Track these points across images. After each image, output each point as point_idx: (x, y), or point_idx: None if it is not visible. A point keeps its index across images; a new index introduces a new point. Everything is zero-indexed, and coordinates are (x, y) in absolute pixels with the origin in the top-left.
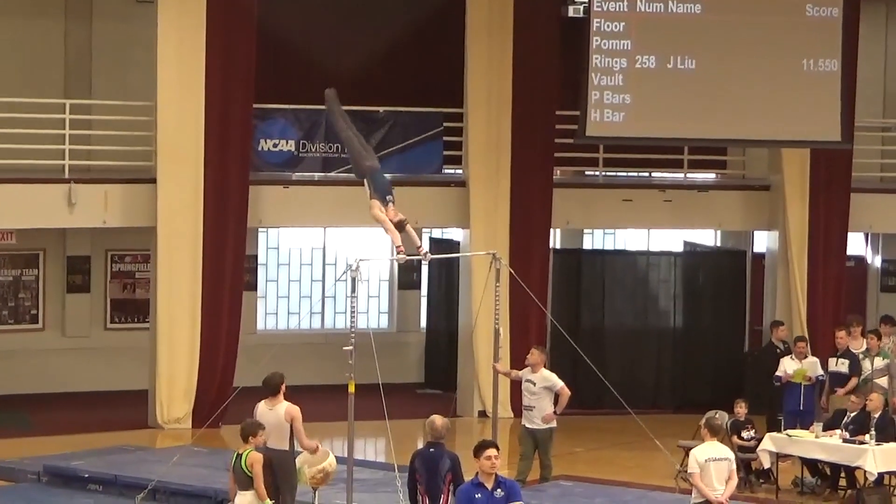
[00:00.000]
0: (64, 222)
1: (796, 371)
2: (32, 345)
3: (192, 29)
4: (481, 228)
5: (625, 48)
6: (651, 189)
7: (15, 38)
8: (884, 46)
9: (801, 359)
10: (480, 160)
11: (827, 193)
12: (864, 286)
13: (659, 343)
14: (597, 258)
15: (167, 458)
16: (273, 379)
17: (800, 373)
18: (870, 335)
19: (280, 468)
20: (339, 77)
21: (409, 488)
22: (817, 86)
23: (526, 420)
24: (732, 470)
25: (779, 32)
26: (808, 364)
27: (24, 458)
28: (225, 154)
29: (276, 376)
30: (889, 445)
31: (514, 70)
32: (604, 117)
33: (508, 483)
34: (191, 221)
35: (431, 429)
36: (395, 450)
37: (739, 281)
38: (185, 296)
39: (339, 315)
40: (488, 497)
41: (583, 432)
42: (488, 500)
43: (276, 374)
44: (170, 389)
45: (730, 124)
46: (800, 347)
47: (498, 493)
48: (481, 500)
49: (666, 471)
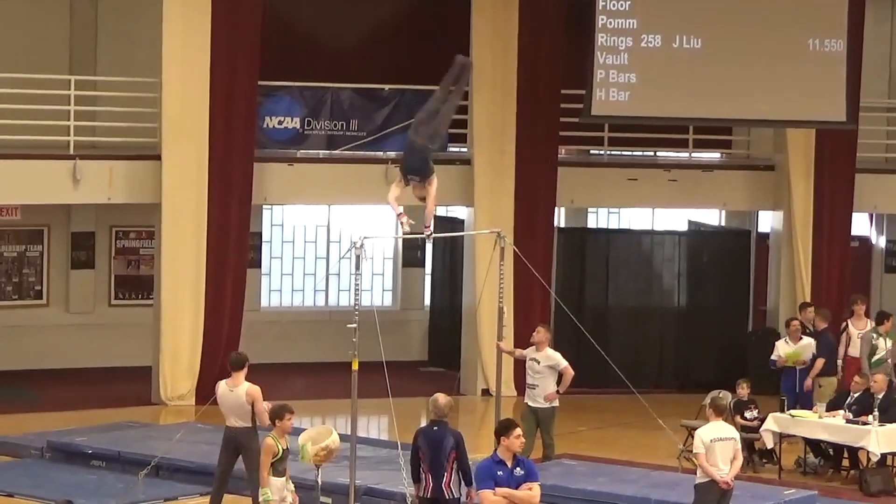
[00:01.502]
0: (69, 198)
1: (788, 355)
2: (36, 321)
3: (197, 6)
4: (486, 207)
5: (630, 27)
6: (656, 168)
7: (21, 14)
8: (889, 27)
9: (795, 340)
10: (485, 138)
11: (832, 174)
12: (869, 267)
13: (662, 322)
14: (601, 237)
15: (170, 435)
16: (239, 358)
17: (792, 356)
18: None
19: (244, 446)
20: (345, 55)
21: (413, 466)
22: (823, 66)
23: (529, 398)
24: (737, 450)
25: (784, 12)
26: (802, 347)
27: (27, 434)
28: (230, 131)
29: (243, 356)
30: (892, 426)
31: (520, 48)
32: (609, 96)
33: (527, 462)
34: (195, 198)
35: (435, 407)
36: (399, 427)
37: (743, 261)
38: (190, 273)
39: (342, 292)
40: (509, 475)
41: (586, 411)
42: (509, 477)
43: (242, 353)
44: (173, 366)
45: (735, 104)
46: (793, 327)
47: (518, 471)
48: (503, 477)
49: (669, 450)
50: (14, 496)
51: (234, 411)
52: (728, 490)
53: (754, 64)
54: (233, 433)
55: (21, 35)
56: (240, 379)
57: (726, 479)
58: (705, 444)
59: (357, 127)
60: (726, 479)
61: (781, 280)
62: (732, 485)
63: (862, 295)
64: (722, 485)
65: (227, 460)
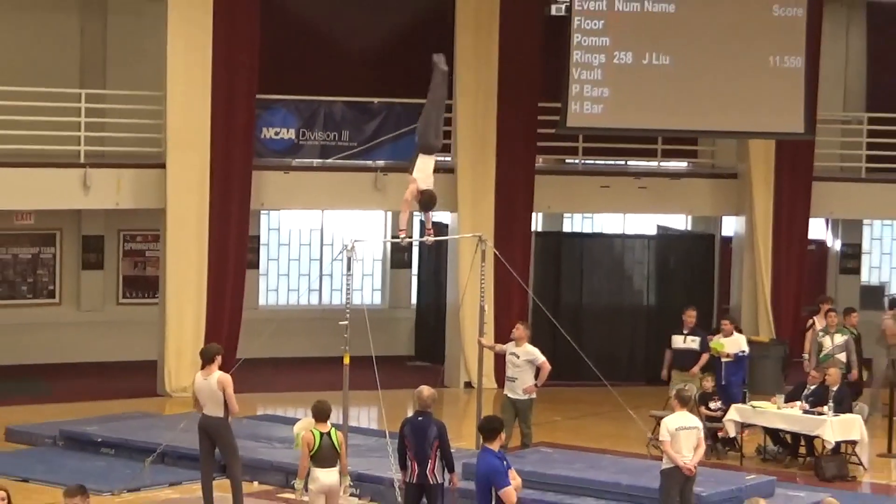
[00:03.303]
0: (79, 204)
1: (712, 346)
2: (49, 318)
3: (199, 24)
4: (468, 212)
5: (603, 45)
6: (627, 176)
7: (34, 32)
8: (844, 45)
9: (727, 336)
10: (468, 149)
11: (790, 181)
12: (825, 268)
13: (633, 320)
14: (576, 241)
15: (174, 424)
16: (209, 350)
17: (714, 347)
18: (829, 314)
19: (216, 434)
20: (337, 71)
21: (399, 454)
22: (782, 81)
23: (508, 390)
24: (701, 438)
25: (747, 31)
26: (729, 342)
27: (41, 424)
28: (229, 141)
29: (213, 348)
30: (845, 416)
31: (500, 65)
32: (583, 109)
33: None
34: (197, 204)
35: (420, 399)
36: (387, 417)
37: (708, 263)
38: (192, 273)
39: (335, 292)
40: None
41: (562, 403)
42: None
43: (213, 345)
44: (177, 360)
45: (701, 116)
46: (726, 326)
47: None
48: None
49: (639, 439)
50: (29, 481)
51: (209, 399)
52: (691, 475)
53: (719, 79)
54: (206, 421)
55: (35, 52)
56: (213, 369)
57: (689, 466)
58: (670, 433)
59: (348, 138)
60: (689, 466)
61: (743, 281)
62: (696, 471)
63: (829, 297)
64: (685, 471)
65: (207, 447)
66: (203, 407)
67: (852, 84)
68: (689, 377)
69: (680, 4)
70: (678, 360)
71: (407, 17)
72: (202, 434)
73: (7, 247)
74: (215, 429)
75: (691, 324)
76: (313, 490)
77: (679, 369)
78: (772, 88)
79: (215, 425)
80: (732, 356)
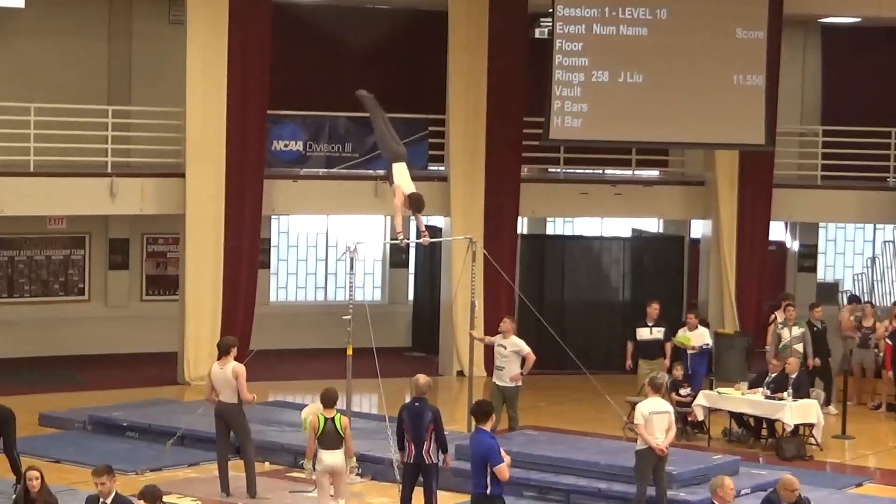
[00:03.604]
0: (107, 210)
1: (677, 339)
2: (80, 314)
3: (216, 47)
4: (460, 217)
5: (582, 65)
6: (604, 184)
7: (68, 55)
8: (801, 64)
9: (691, 329)
10: (459, 159)
11: (752, 188)
12: (784, 267)
13: (610, 314)
14: (558, 242)
15: (193, 410)
16: (225, 342)
17: (680, 340)
18: (788, 308)
19: (231, 419)
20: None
21: (398, 436)
22: (745, 97)
23: (496, 378)
24: (672, 422)
25: (713, 52)
26: (695, 335)
27: (72, 410)
28: (243, 153)
29: (229, 340)
30: (804, 401)
31: (489, 82)
32: (564, 123)
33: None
34: (214, 209)
35: (416, 386)
36: (387, 403)
37: (678, 262)
38: (209, 272)
39: (339, 289)
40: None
41: (546, 390)
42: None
43: (228, 338)
44: (196, 351)
45: (671, 129)
46: (690, 319)
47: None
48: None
49: (615, 422)
50: (61, 462)
51: (224, 387)
52: (664, 456)
53: (687, 96)
54: (222, 407)
55: (68, 73)
56: (228, 360)
57: (661, 447)
58: (644, 417)
59: (351, 149)
60: (661, 447)
61: (710, 278)
62: (667, 451)
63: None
64: (658, 451)
65: (223, 430)
66: (219, 394)
67: (809, 99)
68: (657, 366)
69: (652, 28)
70: (643, 350)
71: (403, 40)
72: (218, 419)
73: (41, 249)
74: (230, 414)
75: (655, 316)
76: (319, 470)
77: (645, 358)
78: (735, 104)
79: (230, 411)
80: (697, 348)
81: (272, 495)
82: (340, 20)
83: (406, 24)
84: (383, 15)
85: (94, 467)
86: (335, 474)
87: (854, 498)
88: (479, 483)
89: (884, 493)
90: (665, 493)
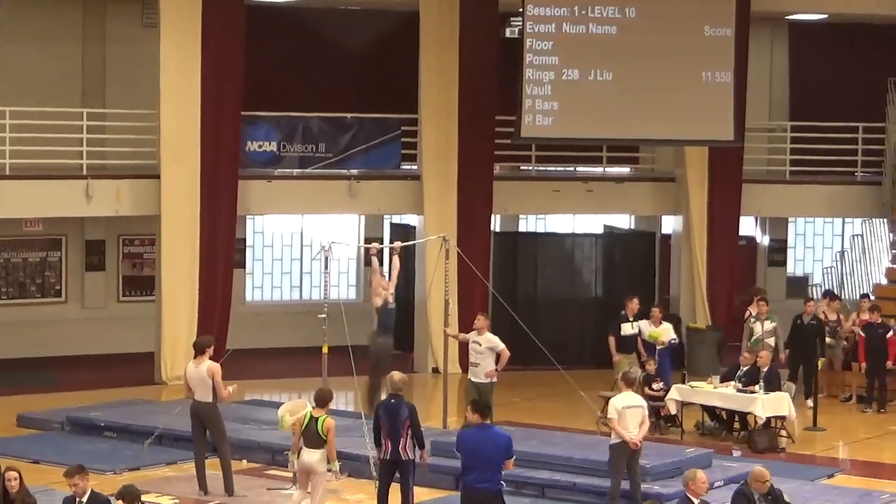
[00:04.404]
0: (82, 212)
1: (648, 334)
2: (57, 315)
3: (190, 50)
4: (433, 215)
5: (553, 63)
6: (576, 181)
7: (42, 58)
8: (769, 61)
9: (656, 324)
10: (432, 157)
11: (722, 184)
12: (755, 262)
13: (583, 310)
14: (530, 239)
15: (170, 409)
16: (201, 342)
17: (652, 335)
18: (760, 302)
19: (206, 417)
20: (314, 89)
21: (374, 433)
22: (714, 94)
23: (471, 375)
24: (645, 416)
25: (682, 49)
26: (662, 329)
27: (50, 410)
28: (217, 154)
29: (205, 340)
30: (775, 394)
31: (461, 82)
32: (536, 121)
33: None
34: (189, 210)
35: (392, 383)
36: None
37: (650, 258)
38: (185, 273)
39: (314, 288)
40: None
41: (519, 385)
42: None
43: (205, 337)
44: (172, 351)
45: (641, 126)
46: (655, 314)
47: None
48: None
49: (589, 417)
50: (39, 462)
51: (199, 385)
52: (637, 449)
53: (657, 93)
54: (197, 406)
55: (41, 75)
56: (203, 359)
57: (635, 441)
58: (618, 411)
59: (325, 149)
60: (635, 441)
61: (682, 274)
62: (641, 445)
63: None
64: (631, 445)
65: (198, 429)
66: (194, 393)
67: (776, 96)
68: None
69: (621, 26)
70: (624, 345)
71: (376, 41)
72: (194, 418)
73: (18, 251)
74: (205, 412)
75: (635, 310)
76: (297, 465)
77: (625, 353)
78: (704, 101)
79: (205, 409)
80: (667, 343)
81: (249, 493)
82: (313, 21)
83: (378, 25)
84: (355, 15)
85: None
86: (310, 472)
87: (825, 489)
88: (495, 478)
89: (855, 485)
90: (639, 486)
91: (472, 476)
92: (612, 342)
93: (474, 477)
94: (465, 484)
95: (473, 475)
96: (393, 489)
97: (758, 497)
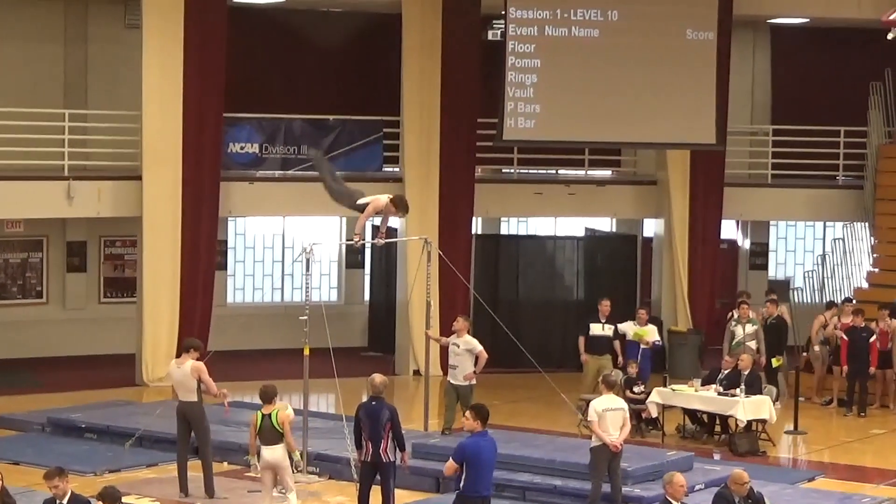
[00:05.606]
0: (64, 213)
1: (634, 333)
2: (38, 316)
3: (172, 51)
4: (415, 217)
5: (535, 66)
6: (557, 184)
7: (23, 59)
8: (751, 64)
9: (642, 324)
10: (414, 160)
11: (704, 187)
12: (736, 265)
13: (564, 313)
14: (512, 242)
15: (151, 411)
16: (187, 343)
17: (638, 333)
18: (742, 306)
19: (192, 418)
20: (296, 91)
21: (355, 435)
22: (696, 97)
23: (450, 377)
24: (626, 418)
25: (664, 53)
26: (647, 330)
27: (30, 412)
28: (199, 155)
29: (192, 341)
30: (756, 397)
31: (443, 84)
32: (518, 124)
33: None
34: (171, 212)
35: (373, 385)
36: (343, 403)
37: (631, 261)
38: (167, 274)
39: (296, 290)
40: None
41: (501, 388)
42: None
43: (192, 339)
44: (154, 353)
45: (623, 129)
46: (642, 315)
47: None
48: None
49: (570, 420)
50: (20, 464)
51: (181, 385)
52: (618, 452)
53: (639, 96)
54: (182, 406)
55: (24, 76)
56: (186, 359)
57: (616, 443)
58: (598, 414)
59: (307, 151)
60: (616, 443)
61: (663, 277)
62: (621, 447)
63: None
64: (612, 448)
65: (183, 430)
66: (178, 393)
67: (758, 99)
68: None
69: (603, 30)
70: (594, 345)
71: (358, 43)
72: (180, 418)
73: None
74: (191, 412)
75: (607, 312)
76: (260, 466)
77: (594, 353)
78: (686, 104)
79: (191, 409)
80: (651, 343)
81: (230, 495)
82: (296, 23)
83: (360, 27)
84: (338, 18)
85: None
86: (276, 469)
87: (806, 492)
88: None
89: (835, 488)
90: (620, 489)
91: (482, 485)
92: (581, 342)
93: (485, 485)
94: (475, 493)
95: (484, 484)
96: (374, 492)
97: (738, 500)
